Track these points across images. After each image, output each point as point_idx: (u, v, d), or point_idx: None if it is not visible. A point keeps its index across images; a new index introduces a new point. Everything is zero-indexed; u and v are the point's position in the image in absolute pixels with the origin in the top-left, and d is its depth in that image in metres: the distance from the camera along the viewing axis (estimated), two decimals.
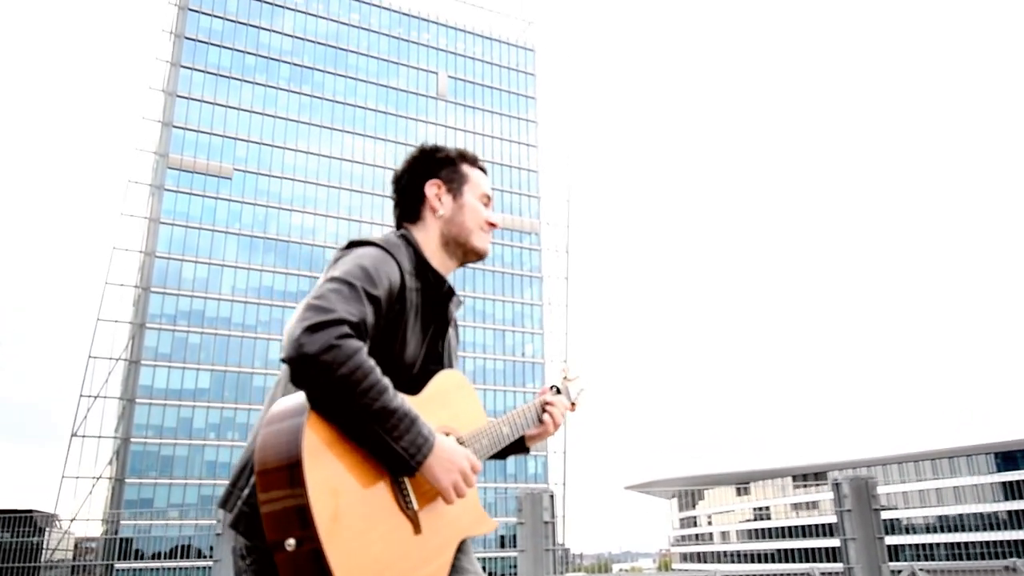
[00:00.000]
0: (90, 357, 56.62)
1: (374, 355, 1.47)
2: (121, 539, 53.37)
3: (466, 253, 1.81)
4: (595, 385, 2.08)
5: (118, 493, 55.24)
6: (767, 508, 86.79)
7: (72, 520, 55.01)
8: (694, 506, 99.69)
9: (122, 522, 54.36)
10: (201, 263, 61.27)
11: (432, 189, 1.78)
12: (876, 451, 74.99)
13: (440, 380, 1.66)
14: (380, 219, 68.94)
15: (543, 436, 1.94)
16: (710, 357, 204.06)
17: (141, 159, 62.20)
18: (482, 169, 1.87)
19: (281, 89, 67.59)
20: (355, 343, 1.38)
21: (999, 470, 67.25)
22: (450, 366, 1.79)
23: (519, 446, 1.94)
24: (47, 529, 60.51)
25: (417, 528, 1.45)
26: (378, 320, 1.50)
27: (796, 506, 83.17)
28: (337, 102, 69.84)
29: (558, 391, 2.03)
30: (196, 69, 64.39)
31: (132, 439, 55.89)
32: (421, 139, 74.54)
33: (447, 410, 1.63)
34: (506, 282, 72.71)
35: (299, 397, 1.39)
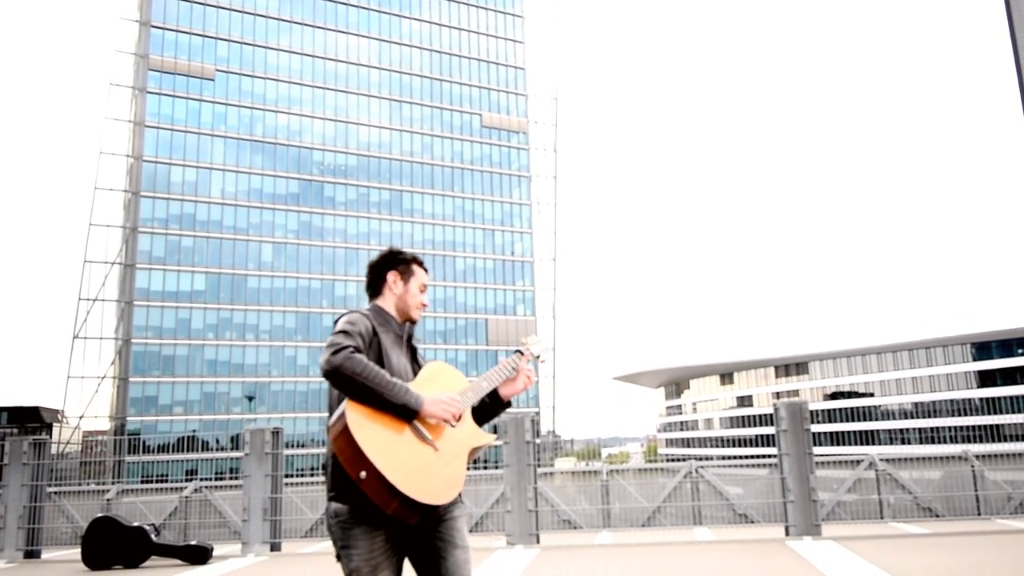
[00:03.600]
0: (85, 261, 57.55)
1: None
2: (129, 433, 56.09)
3: (407, 319, 2.83)
4: (548, 343, 3.09)
5: (123, 392, 57.30)
6: (750, 397, 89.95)
7: (81, 417, 57.34)
8: (680, 395, 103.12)
9: (129, 418, 56.73)
10: (189, 166, 61.22)
11: (392, 276, 2.84)
12: (855, 342, 77.34)
13: (427, 368, 2.69)
14: (367, 120, 68.21)
15: (517, 390, 2.83)
16: (696, 251, 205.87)
17: (121, 61, 61.15)
18: (425, 269, 2.93)
19: None
20: (359, 355, 2.40)
21: (974, 359, 69.56)
22: None
23: (501, 405, 2.83)
24: (55, 424, 63.04)
25: (436, 449, 2.43)
26: (366, 346, 2.54)
27: (778, 394, 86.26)
28: None
29: (521, 353, 2.88)
30: None
31: (133, 340, 57.48)
32: (406, 36, 72.68)
33: (436, 383, 2.60)
34: (494, 182, 72.76)
35: (343, 400, 2.42)
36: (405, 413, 2.40)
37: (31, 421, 66.57)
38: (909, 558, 6.81)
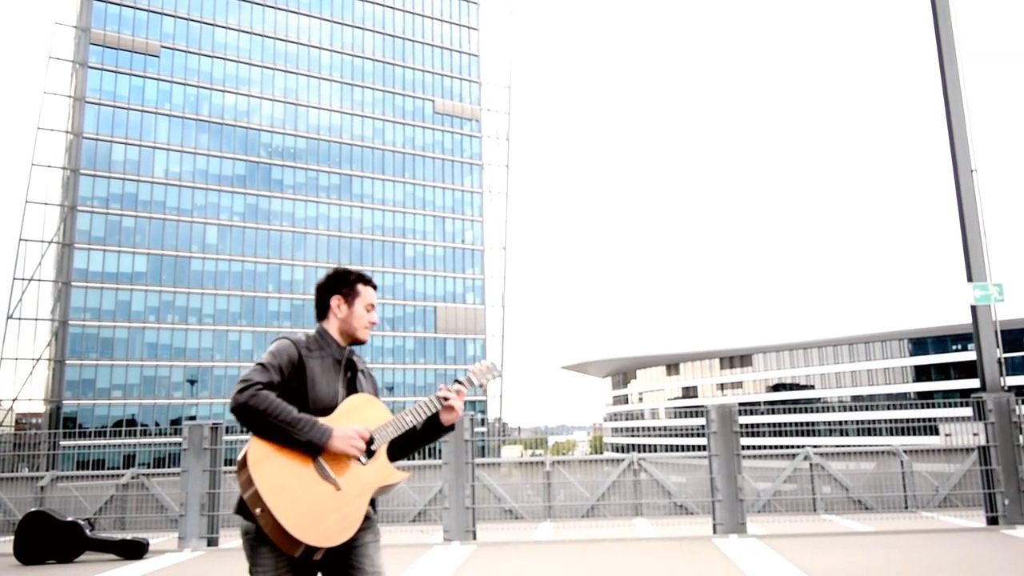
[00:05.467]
0: (21, 240, 55.69)
1: (294, 396, 2.55)
2: (65, 417, 54.54)
3: (353, 340, 2.82)
4: (497, 370, 3.02)
5: (59, 374, 55.71)
6: (695, 387, 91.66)
7: (14, 400, 55.62)
8: (626, 384, 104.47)
9: (65, 401, 55.20)
10: (131, 144, 59.54)
11: (335, 301, 2.81)
12: (797, 336, 79.26)
13: (348, 401, 2.65)
14: (317, 102, 67.15)
15: (454, 416, 2.79)
16: (645, 243, 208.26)
17: (62, 33, 59.08)
18: (373, 286, 2.90)
19: None
20: (266, 392, 2.45)
21: (911, 355, 71.85)
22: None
23: (442, 429, 2.82)
24: None
25: (337, 488, 2.46)
26: (285, 378, 2.57)
27: (722, 385, 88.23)
28: None
29: (460, 383, 2.82)
30: None
31: (70, 322, 55.90)
32: (358, 18, 71.68)
33: (355, 418, 2.59)
34: (446, 169, 72.46)
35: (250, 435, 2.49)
36: (311, 449, 2.46)
37: None
38: (827, 557, 7.14)
